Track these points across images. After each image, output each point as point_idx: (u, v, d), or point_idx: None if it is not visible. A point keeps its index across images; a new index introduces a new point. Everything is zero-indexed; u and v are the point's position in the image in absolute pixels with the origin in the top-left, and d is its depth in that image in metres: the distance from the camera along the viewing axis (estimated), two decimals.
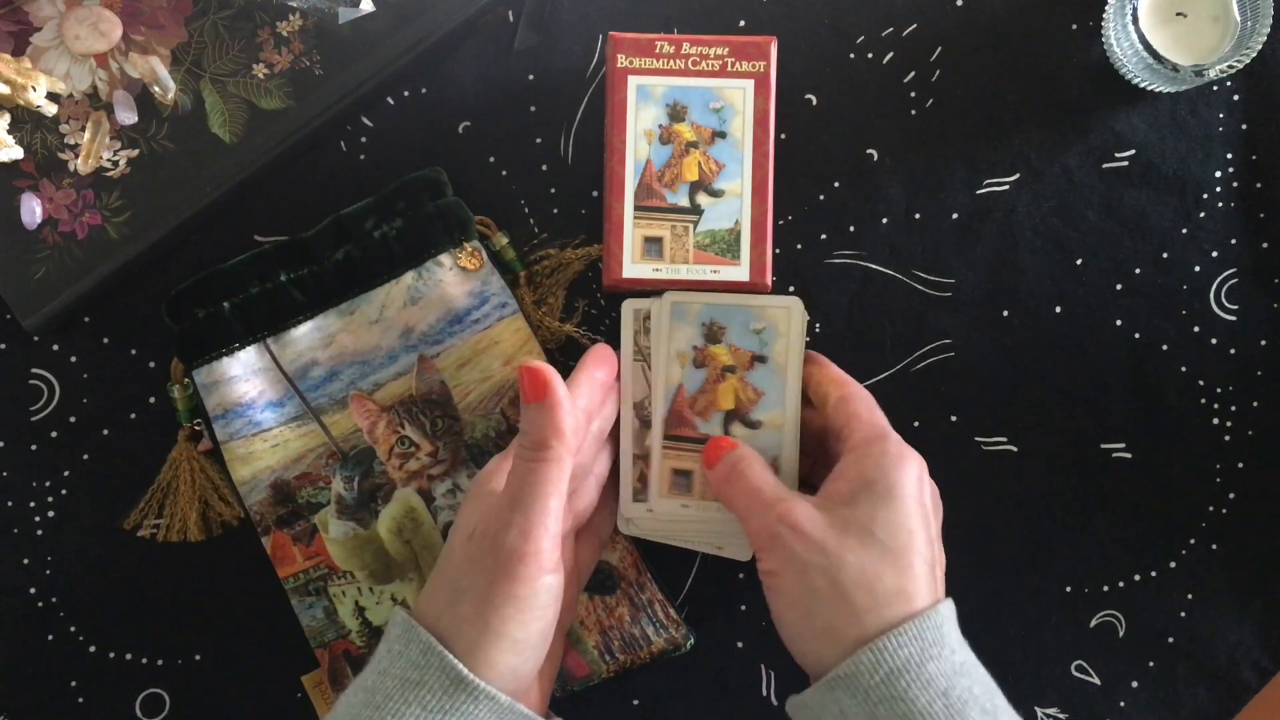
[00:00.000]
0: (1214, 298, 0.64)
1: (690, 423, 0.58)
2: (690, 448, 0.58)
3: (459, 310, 0.60)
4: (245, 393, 0.59)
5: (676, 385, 0.58)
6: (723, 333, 0.58)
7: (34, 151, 0.60)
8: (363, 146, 0.63)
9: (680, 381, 0.58)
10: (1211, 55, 0.61)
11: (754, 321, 0.58)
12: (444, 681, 0.47)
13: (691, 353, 0.58)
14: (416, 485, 0.60)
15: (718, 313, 0.58)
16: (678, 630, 0.60)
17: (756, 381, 0.58)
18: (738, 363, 0.58)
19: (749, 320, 0.58)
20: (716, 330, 0.58)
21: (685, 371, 0.58)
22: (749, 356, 0.58)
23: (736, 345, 0.58)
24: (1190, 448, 0.64)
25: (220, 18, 0.60)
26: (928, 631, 0.49)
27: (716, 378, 0.58)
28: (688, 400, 0.58)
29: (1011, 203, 0.64)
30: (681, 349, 0.58)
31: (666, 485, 0.58)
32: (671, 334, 0.58)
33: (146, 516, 0.62)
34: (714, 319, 0.58)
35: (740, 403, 0.58)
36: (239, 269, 0.60)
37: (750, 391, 0.58)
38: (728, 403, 0.58)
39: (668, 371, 0.58)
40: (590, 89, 0.63)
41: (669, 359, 0.58)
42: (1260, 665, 0.64)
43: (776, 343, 0.58)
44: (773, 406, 0.58)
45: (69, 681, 0.62)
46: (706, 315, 0.58)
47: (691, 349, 0.58)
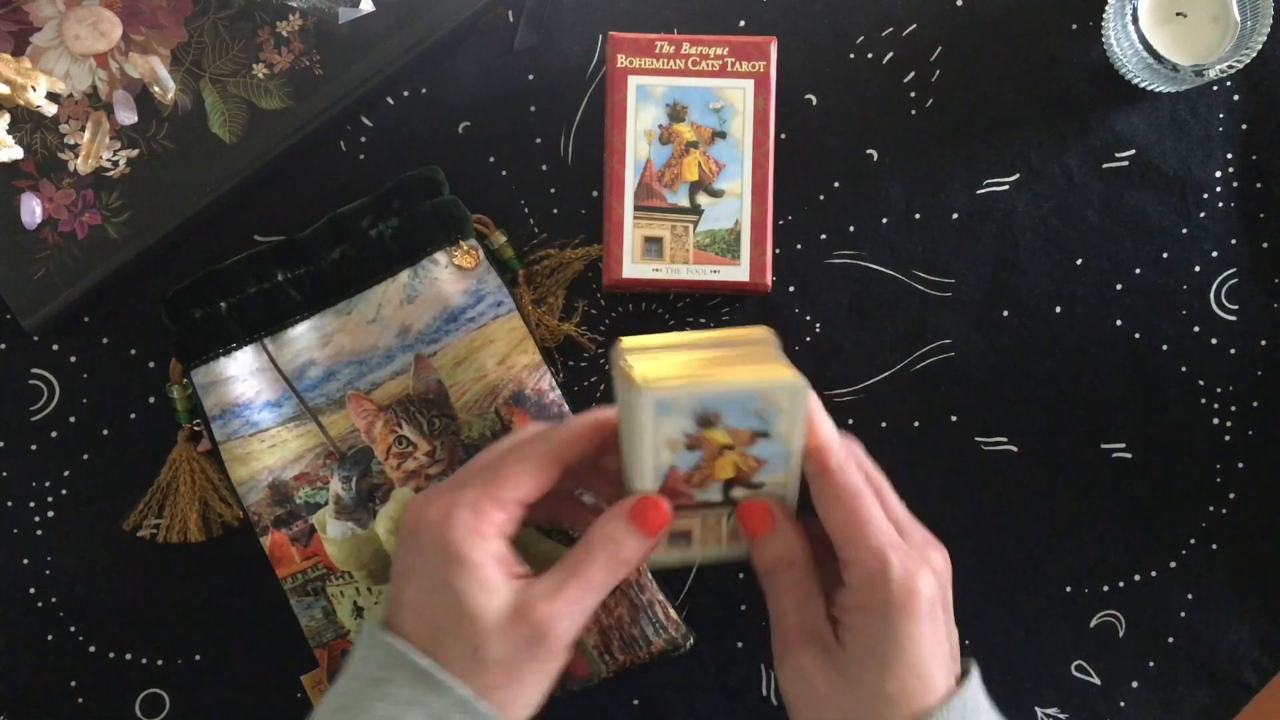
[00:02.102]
0: (1214, 298, 0.64)
1: (686, 495, 0.50)
2: (687, 514, 0.51)
3: (455, 309, 0.60)
4: (243, 393, 0.59)
5: (666, 470, 0.49)
6: (718, 419, 0.49)
7: (34, 151, 0.60)
8: (362, 146, 0.63)
9: (670, 464, 0.49)
10: (1211, 55, 0.61)
11: (755, 403, 0.49)
12: (409, 675, 0.47)
13: (683, 439, 0.49)
14: (414, 485, 0.60)
15: (711, 402, 0.48)
16: (678, 630, 0.60)
17: (758, 453, 0.50)
18: (736, 442, 0.49)
19: (749, 403, 0.48)
20: (711, 418, 0.49)
21: (677, 455, 0.49)
22: (748, 435, 0.49)
23: (735, 427, 0.49)
24: (1190, 448, 0.64)
25: (220, 18, 0.61)
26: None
27: (713, 455, 0.50)
28: (682, 477, 0.50)
29: (1011, 203, 0.64)
30: (672, 436, 0.49)
31: (663, 549, 0.52)
32: (658, 427, 0.48)
33: (146, 517, 0.62)
34: (707, 409, 0.48)
35: (741, 472, 0.50)
36: (236, 269, 0.60)
37: (751, 461, 0.50)
38: (726, 474, 0.50)
39: (656, 459, 0.49)
40: (590, 89, 0.63)
41: (656, 448, 0.49)
42: (1260, 665, 0.64)
43: (779, 420, 0.49)
44: (775, 470, 0.50)
45: (69, 681, 0.62)
46: (698, 405, 0.48)
47: (683, 435, 0.49)
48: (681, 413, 0.48)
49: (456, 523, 0.48)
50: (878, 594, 0.48)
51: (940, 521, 0.63)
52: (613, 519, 0.49)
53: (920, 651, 0.49)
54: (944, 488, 0.64)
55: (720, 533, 0.52)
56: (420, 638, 0.47)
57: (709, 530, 0.52)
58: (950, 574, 0.52)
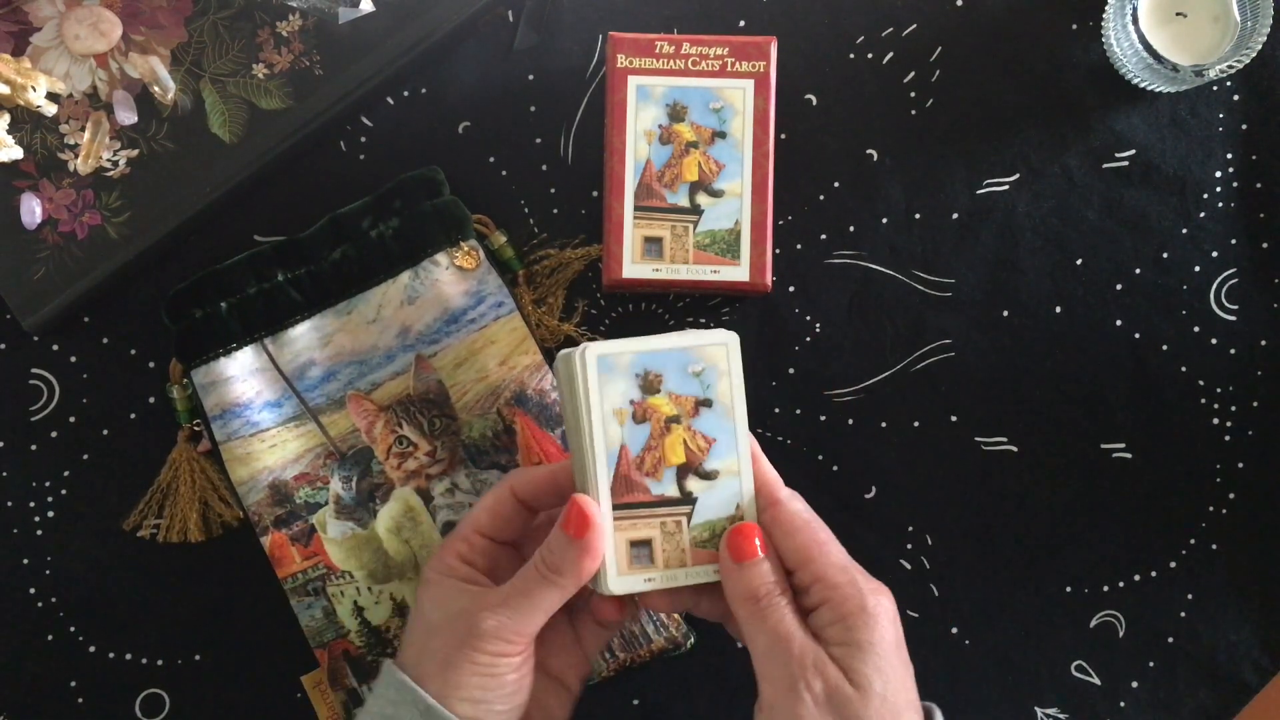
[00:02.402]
0: (1214, 298, 0.64)
1: (639, 485, 0.51)
2: (645, 514, 0.51)
3: (455, 309, 0.60)
4: (243, 393, 0.59)
5: (618, 447, 0.51)
6: (660, 381, 0.51)
7: (34, 151, 0.60)
8: (362, 146, 0.63)
9: (620, 442, 0.51)
10: (1211, 55, 0.61)
11: (693, 363, 0.51)
12: (415, 713, 0.50)
13: (629, 408, 0.51)
14: (414, 485, 0.60)
15: (651, 360, 0.51)
16: (678, 630, 0.60)
17: (705, 428, 0.52)
18: (682, 411, 0.51)
19: (687, 363, 0.51)
20: (653, 380, 0.51)
21: (625, 429, 0.51)
22: (693, 402, 0.51)
23: (677, 392, 0.51)
24: (1190, 448, 0.64)
25: (220, 18, 0.61)
26: None
27: (661, 431, 0.51)
28: (634, 461, 0.51)
29: (1011, 203, 0.64)
30: (618, 406, 0.51)
31: (625, 561, 0.51)
32: (603, 391, 0.51)
33: (146, 517, 0.62)
34: (648, 368, 0.51)
35: (691, 453, 0.51)
36: (236, 269, 0.60)
37: (700, 440, 0.52)
38: (677, 457, 0.51)
39: (606, 433, 0.51)
40: (590, 89, 0.63)
41: (605, 419, 0.51)
42: (1260, 665, 0.64)
43: (720, 383, 0.52)
44: (726, 453, 0.52)
45: (69, 681, 0.62)
46: (639, 365, 0.51)
47: (628, 404, 0.51)
48: (624, 374, 0.51)
49: (431, 561, 0.54)
50: (853, 601, 0.49)
51: (940, 521, 0.63)
52: (554, 532, 0.51)
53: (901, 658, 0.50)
54: (944, 488, 0.64)
55: (682, 543, 0.52)
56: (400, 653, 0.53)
57: (670, 539, 0.52)
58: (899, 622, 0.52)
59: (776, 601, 0.50)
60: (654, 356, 0.51)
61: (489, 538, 0.54)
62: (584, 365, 0.51)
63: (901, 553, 0.64)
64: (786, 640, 0.49)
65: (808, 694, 0.48)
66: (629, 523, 0.51)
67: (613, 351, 0.51)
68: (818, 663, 0.48)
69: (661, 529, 0.52)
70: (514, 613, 0.51)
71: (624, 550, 0.51)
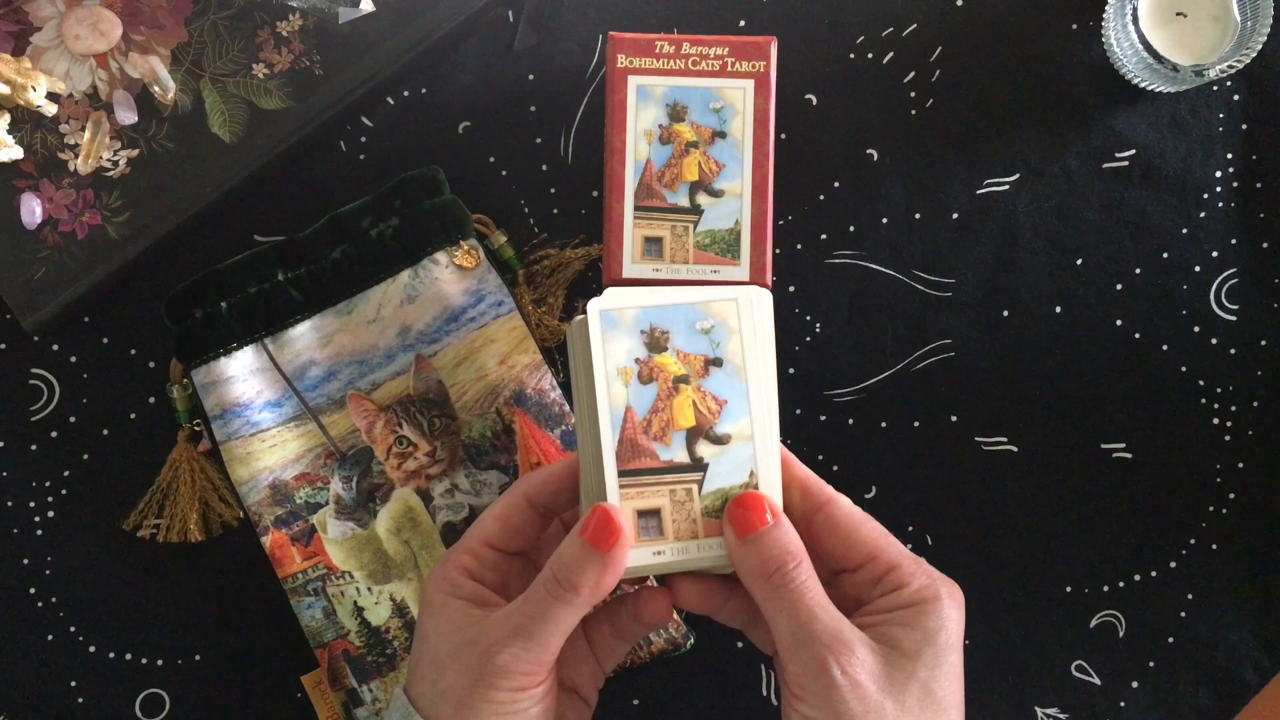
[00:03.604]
0: (1214, 298, 0.64)
1: (648, 450, 0.48)
2: (653, 481, 0.48)
3: (455, 309, 0.60)
4: (243, 393, 0.59)
5: (624, 408, 0.48)
6: (666, 338, 0.49)
7: (34, 151, 0.60)
8: (362, 146, 0.63)
9: (625, 404, 0.48)
10: (1211, 55, 0.61)
11: (700, 320, 0.49)
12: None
13: (634, 367, 0.48)
14: (415, 485, 0.60)
15: (657, 316, 0.49)
16: (678, 630, 0.60)
17: (715, 389, 0.49)
18: (690, 370, 0.49)
19: (695, 319, 0.49)
20: (659, 337, 0.49)
21: (631, 390, 0.48)
22: (702, 361, 0.49)
23: (685, 351, 0.49)
24: (1190, 448, 0.64)
25: (220, 18, 0.61)
26: None
27: (669, 392, 0.49)
28: (640, 424, 0.48)
29: (1011, 203, 0.64)
30: (622, 364, 0.48)
31: (634, 533, 0.48)
32: (606, 348, 0.48)
33: (146, 517, 0.62)
34: (654, 324, 0.49)
35: (701, 416, 0.49)
36: (237, 269, 0.60)
37: (711, 402, 0.49)
38: (686, 420, 0.49)
39: (610, 393, 0.48)
40: (590, 89, 0.63)
41: (609, 378, 0.48)
42: (1260, 665, 0.64)
43: (730, 340, 0.49)
44: (739, 415, 0.49)
45: (69, 681, 0.62)
46: (644, 320, 0.49)
47: (633, 362, 0.48)
48: (629, 330, 0.48)
49: (432, 576, 0.49)
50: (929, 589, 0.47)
51: (940, 521, 0.63)
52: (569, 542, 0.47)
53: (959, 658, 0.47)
54: (944, 488, 0.64)
55: (693, 512, 0.49)
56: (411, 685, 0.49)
57: (680, 508, 0.49)
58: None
59: (792, 575, 0.46)
60: (660, 312, 0.49)
61: (499, 550, 0.50)
62: (587, 319, 0.48)
63: None
64: (809, 618, 0.46)
65: (841, 675, 0.44)
66: (636, 491, 0.48)
67: (616, 305, 0.48)
68: (851, 642, 0.45)
69: (671, 498, 0.48)
70: (529, 641, 0.46)
71: (632, 521, 0.48)
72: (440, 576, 0.49)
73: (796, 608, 0.46)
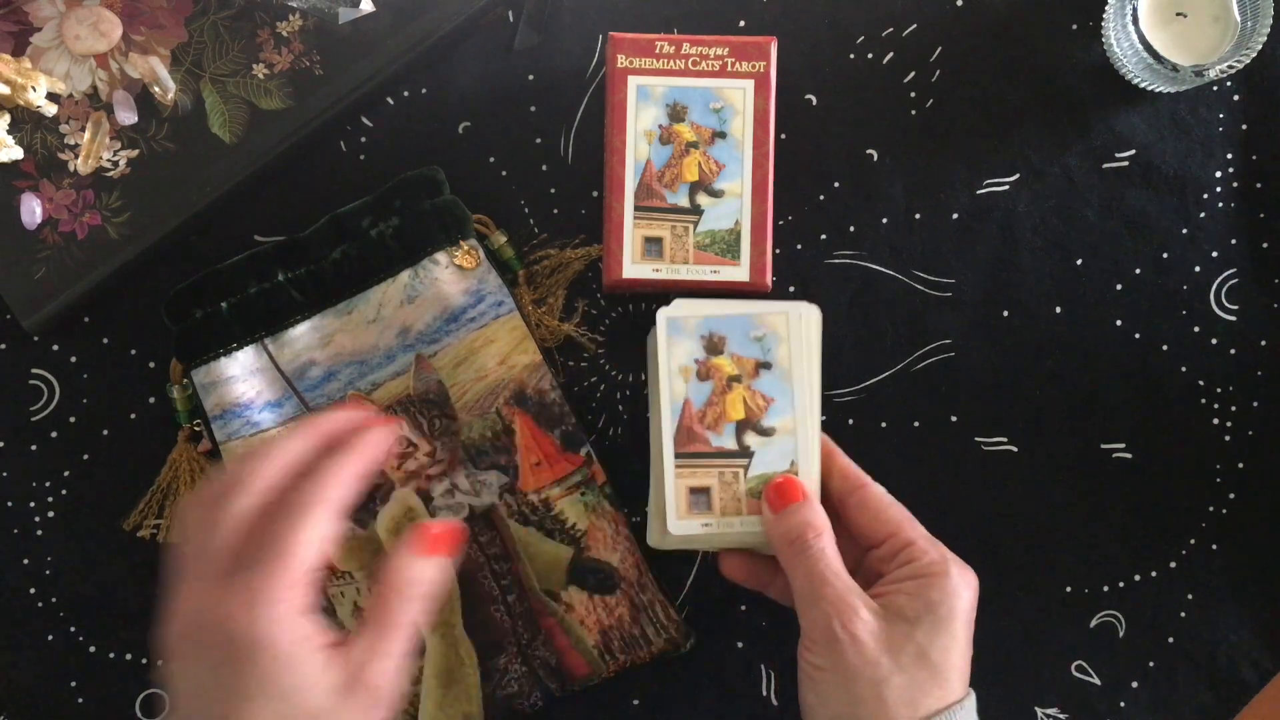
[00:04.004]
0: (1214, 298, 0.64)
1: (701, 437, 0.56)
2: (705, 464, 0.56)
3: (455, 309, 0.60)
4: (243, 393, 0.59)
5: (682, 401, 0.56)
6: (723, 343, 0.57)
7: (34, 151, 0.60)
8: (363, 146, 0.63)
9: (685, 396, 0.56)
10: (1211, 55, 0.61)
11: (753, 329, 0.57)
12: None
13: (694, 366, 0.57)
14: (415, 485, 0.60)
15: (715, 324, 0.57)
16: (678, 630, 0.60)
17: (764, 389, 0.57)
18: (742, 371, 0.57)
19: (749, 329, 0.57)
20: (717, 341, 0.57)
21: (690, 385, 0.57)
22: (754, 364, 0.57)
23: (739, 354, 0.57)
24: (1190, 448, 0.64)
25: (220, 18, 0.61)
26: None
27: (723, 389, 0.57)
28: (696, 414, 0.56)
29: (1011, 203, 0.64)
30: (683, 364, 0.57)
31: (685, 506, 0.56)
32: (670, 350, 0.56)
33: (146, 517, 0.62)
34: (713, 331, 0.57)
35: (750, 411, 0.56)
36: (236, 269, 0.60)
37: (759, 399, 0.57)
38: (737, 413, 0.56)
39: (672, 388, 0.56)
40: (590, 89, 0.63)
41: (670, 375, 0.56)
42: (1260, 665, 0.64)
43: (779, 348, 0.57)
44: (784, 412, 0.56)
45: (69, 681, 0.62)
46: (705, 328, 0.57)
47: (693, 362, 0.57)
48: (691, 335, 0.57)
49: (259, 619, 0.43)
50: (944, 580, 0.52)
51: (940, 521, 0.63)
52: (401, 555, 0.49)
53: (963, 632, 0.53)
54: (944, 488, 0.64)
55: (738, 492, 0.56)
56: None
57: (727, 488, 0.56)
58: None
59: (812, 543, 0.53)
60: (719, 321, 0.57)
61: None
62: (656, 325, 0.57)
63: None
64: (821, 581, 0.52)
65: (844, 633, 0.51)
66: (689, 471, 0.56)
67: (681, 315, 0.57)
68: (855, 604, 0.52)
69: (719, 478, 0.56)
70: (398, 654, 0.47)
71: (684, 496, 0.56)
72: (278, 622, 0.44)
73: (811, 571, 0.53)
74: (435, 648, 0.60)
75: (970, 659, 0.53)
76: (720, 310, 0.57)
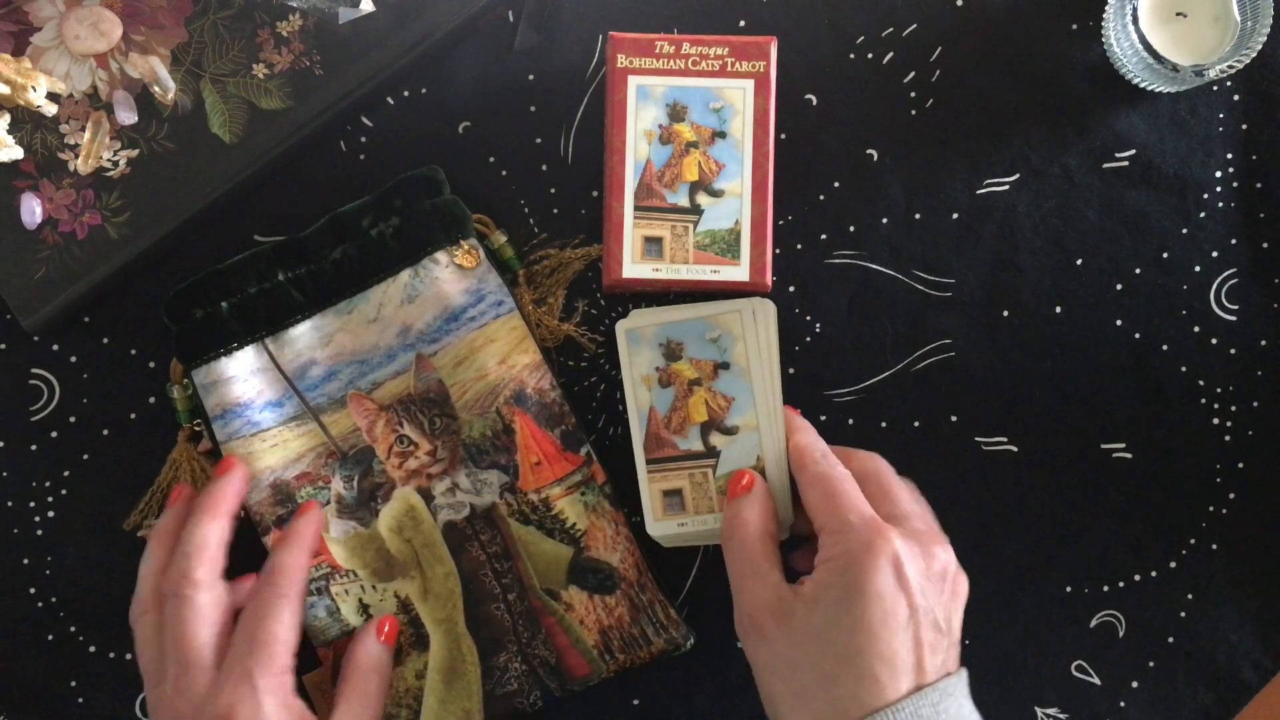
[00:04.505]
0: (1214, 298, 0.64)
1: (668, 442, 0.58)
2: (675, 467, 0.58)
3: (455, 308, 0.60)
4: (244, 393, 0.59)
5: (648, 408, 0.58)
6: (681, 349, 0.58)
7: (34, 151, 0.60)
8: (363, 146, 0.63)
9: (651, 404, 0.58)
10: (1211, 55, 0.61)
11: (708, 331, 0.58)
12: None
13: (655, 374, 0.58)
14: (416, 484, 0.60)
15: (672, 331, 0.58)
16: (678, 630, 0.60)
17: (724, 389, 0.58)
18: (702, 374, 0.58)
19: (704, 331, 0.58)
20: (675, 348, 0.58)
21: (653, 393, 0.58)
22: (711, 366, 0.58)
23: (697, 358, 0.58)
24: (1190, 448, 0.64)
25: (220, 18, 0.61)
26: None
27: (684, 393, 0.58)
28: (662, 421, 0.58)
29: (1011, 203, 0.64)
30: (645, 373, 0.58)
31: (660, 509, 0.59)
32: (632, 360, 0.58)
33: (146, 517, 0.62)
34: (670, 337, 0.58)
35: (713, 412, 0.58)
36: (237, 269, 0.60)
37: (720, 400, 0.58)
38: (700, 415, 0.58)
39: (636, 396, 0.58)
40: (590, 89, 0.63)
41: (634, 385, 0.58)
42: (1260, 665, 0.64)
43: (735, 347, 0.58)
44: (745, 409, 0.58)
45: (69, 681, 0.62)
46: (662, 335, 0.58)
47: (655, 370, 0.58)
48: (650, 344, 0.58)
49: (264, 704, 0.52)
50: (838, 544, 0.52)
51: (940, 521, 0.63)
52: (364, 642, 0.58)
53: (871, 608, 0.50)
54: (944, 488, 0.64)
55: (710, 491, 0.58)
56: None
57: (698, 488, 0.58)
58: (947, 573, 0.54)
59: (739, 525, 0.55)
60: (675, 327, 0.58)
61: None
62: (616, 337, 0.59)
63: None
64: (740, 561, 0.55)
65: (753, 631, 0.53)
66: (661, 475, 0.58)
67: (638, 325, 0.59)
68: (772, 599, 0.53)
69: (690, 480, 0.58)
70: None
71: (659, 499, 0.59)
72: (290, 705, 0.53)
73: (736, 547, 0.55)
74: (439, 643, 0.60)
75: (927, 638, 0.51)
76: (675, 316, 0.58)
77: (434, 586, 0.60)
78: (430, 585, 0.60)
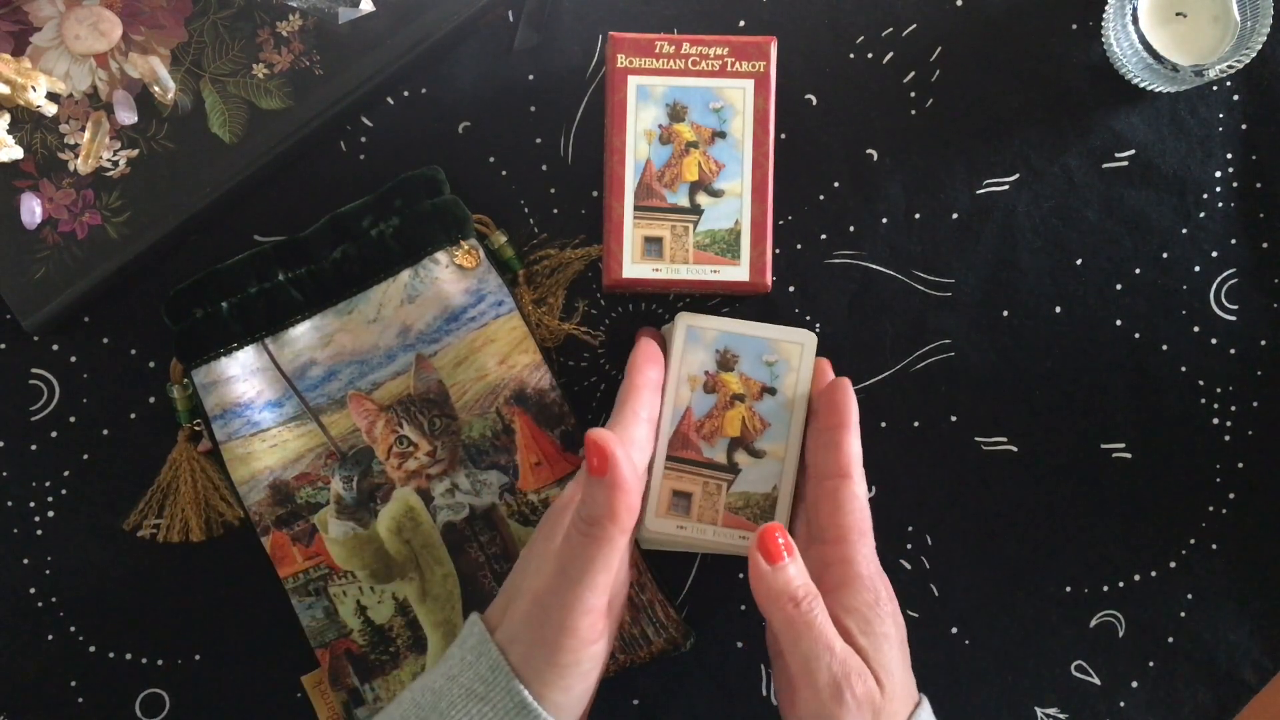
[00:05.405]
0: (1214, 298, 0.64)
1: (694, 446, 0.58)
2: (691, 470, 0.58)
3: (455, 308, 0.60)
4: (244, 393, 0.59)
5: (685, 408, 0.58)
6: (735, 361, 0.58)
7: (34, 151, 0.60)
8: (363, 146, 0.63)
9: (689, 404, 0.58)
10: (1211, 55, 0.61)
11: (768, 353, 0.58)
12: (508, 704, 0.49)
13: (703, 377, 0.58)
14: (415, 485, 0.60)
15: (732, 341, 0.58)
16: (678, 630, 0.60)
17: (764, 412, 0.58)
18: (747, 392, 0.58)
19: (763, 351, 0.58)
20: (729, 358, 0.58)
21: (695, 395, 0.58)
22: (759, 387, 0.58)
23: (747, 375, 0.58)
24: (1190, 448, 0.64)
25: (220, 18, 0.61)
26: None
27: (725, 404, 0.58)
28: (695, 424, 0.58)
29: (1011, 203, 0.64)
30: (693, 373, 0.58)
31: (665, 506, 0.58)
32: (685, 357, 0.58)
33: (146, 517, 0.62)
34: (728, 347, 0.58)
35: (746, 431, 0.58)
36: (237, 269, 0.60)
37: (758, 421, 0.58)
38: (734, 429, 0.58)
39: (677, 393, 0.58)
40: (590, 89, 0.63)
41: (679, 381, 0.58)
42: (1260, 665, 0.64)
43: (787, 376, 0.58)
44: (777, 438, 0.58)
45: (69, 681, 0.62)
46: (721, 342, 0.58)
47: (703, 374, 0.58)
48: (706, 347, 0.58)
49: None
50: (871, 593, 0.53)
51: (940, 521, 0.64)
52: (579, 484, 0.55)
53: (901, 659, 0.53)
54: (944, 488, 0.64)
55: (718, 505, 0.58)
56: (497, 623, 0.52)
57: (708, 498, 0.58)
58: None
59: (815, 605, 0.51)
60: (735, 339, 0.58)
61: None
62: (674, 329, 0.58)
63: (901, 553, 0.64)
64: (830, 647, 0.51)
65: (851, 699, 0.50)
66: (676, 474, 0.58)
67: (700, 325, 0.58)
68: (859, 670, 0.51)
69: (703, 487, 0.58)
70: (572, 587, 0.49)
71: (666, 496, 0.58)
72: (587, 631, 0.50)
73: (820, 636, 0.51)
74: (437, 645, 0.60)
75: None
76: (739, 329, 0.58)
77: (433, 588, 0.60)
78: (429, 586, 0.60)
